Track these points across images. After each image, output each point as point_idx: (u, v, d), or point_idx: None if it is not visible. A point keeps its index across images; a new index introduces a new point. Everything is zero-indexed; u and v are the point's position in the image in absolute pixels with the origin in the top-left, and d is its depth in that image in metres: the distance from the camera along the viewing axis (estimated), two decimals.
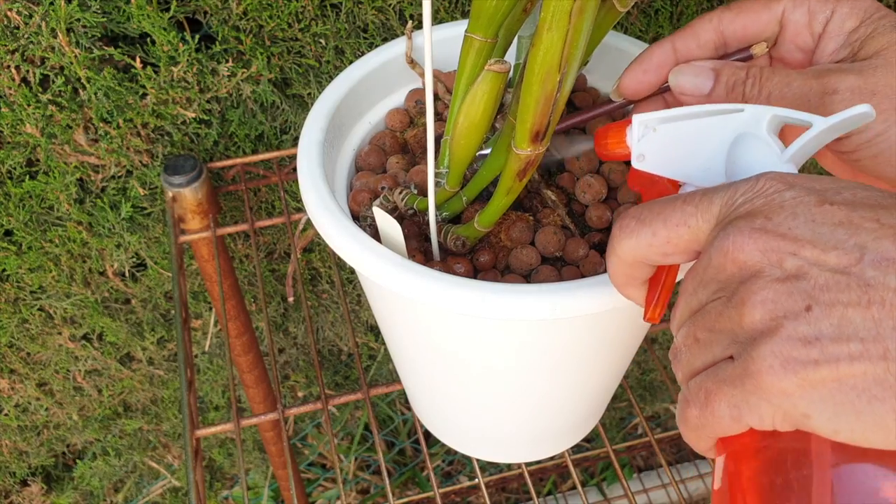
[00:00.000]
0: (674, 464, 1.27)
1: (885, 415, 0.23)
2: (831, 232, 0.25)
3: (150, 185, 0.68)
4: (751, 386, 0.25)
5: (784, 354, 0.24)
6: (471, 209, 0.42)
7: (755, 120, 0.32)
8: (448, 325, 0.40)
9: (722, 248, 0.26)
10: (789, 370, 0.24)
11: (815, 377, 0.24)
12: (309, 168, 0.41)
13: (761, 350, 0.25)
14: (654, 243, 0.29)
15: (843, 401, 0.24)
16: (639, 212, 0.30)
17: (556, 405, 0.47)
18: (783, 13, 0.37)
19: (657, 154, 0.35)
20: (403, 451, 1.23)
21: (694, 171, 0.34)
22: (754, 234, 0.26)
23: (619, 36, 0.48)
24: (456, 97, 0.39)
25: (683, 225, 0.28)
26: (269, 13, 0.61)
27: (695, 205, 0.28)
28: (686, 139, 0.34)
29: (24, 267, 0.71)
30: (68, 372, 0.84)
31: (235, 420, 0.53)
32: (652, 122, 0.34)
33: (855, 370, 0.23)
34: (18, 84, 0.59)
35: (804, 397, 0.24)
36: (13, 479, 0.95)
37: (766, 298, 0.25)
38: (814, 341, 0.24)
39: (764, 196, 0.26)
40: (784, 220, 0.25)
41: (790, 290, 0.25)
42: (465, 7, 0.66)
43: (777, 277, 0.25)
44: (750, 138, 0.32)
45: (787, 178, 0.27)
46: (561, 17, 0.29)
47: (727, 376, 0.26)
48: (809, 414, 0.25)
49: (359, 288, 0.87)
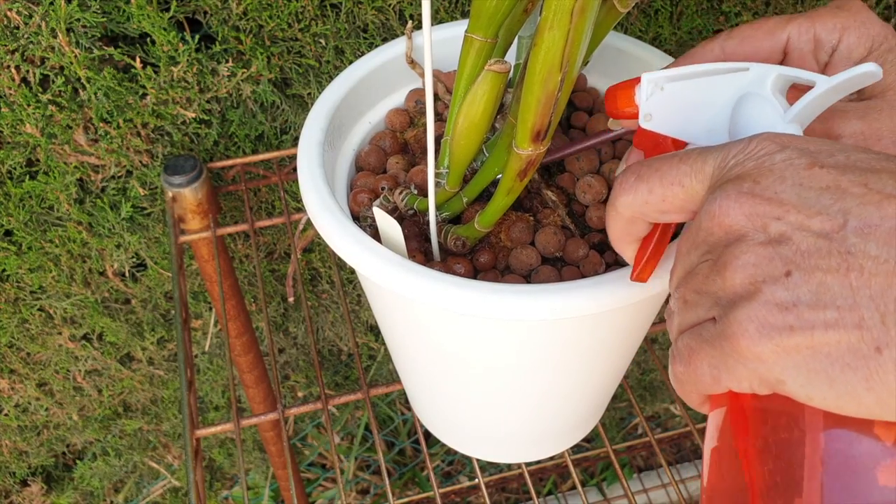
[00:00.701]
0: (674, 464, 1.27)
1: (857, 384, 0.23)
2: (817, 196, 0.24)
3: (150, 185, 0.68)
4: (728, 348, 0.26)
5: (760, 319, 0.25)
6: (471, 209, 0.42)
7: (760, 79, 0.32)
8: (448, 325, 0.40)
9: (710, 211, 0.26)
10: (764, 335, 0.25)
11: (790, 343, 0.24)
12: (309, 168, 0.41)
13: (739, 314, 0.25)
14: (651, 200, 0.29)
15: (816, 368, 0.24)
16: (638, 168, 0.30)
17: (556, 405, 0.47)
18: (788, 41, 0.37)
19: (664, 113, 0.35)
20: (403, 451, 1.23)
21: (699, 131, 0.34)
22: (741, 199, 0.26)
23: (620, 36, 0.48)
24: (456, 97, 0.39)
25: (678, 184, 0.29)
26: (269, 13, 0.61)
27: (689, 164, 0.28)
28: (692, 99, 0.34)
29: (24, 267, 0.71)
30: (68, 372, 0.84)
31: (235, 420, 0.53)
32: (660, 80, 0.34)
33: (829, 338, 0.24)
34: (18, 84, 0.59)
35: (779, 363, 0.25)
36: (13, 479, 0.95)
37: (748, 262, 0.25)
38: (791, 307, 0.24)
39: (755, 158, 0.26)
40: (771, 183, 0.25)
41: (771, 255, 0.25)
42: (465, 7, 0.66)
43: (760, 241, 0.25)
44: (754, 98, 0.32)
45: (781, 139, 0.27)
46: (562, 16, 0.29)
47: (708, 336, 0.27)
48: (783, 379, 0.25)
49: (359, 288, 0.87)
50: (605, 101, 0.37)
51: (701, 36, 0.71)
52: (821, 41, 0.36)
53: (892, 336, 0.23)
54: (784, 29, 0.37)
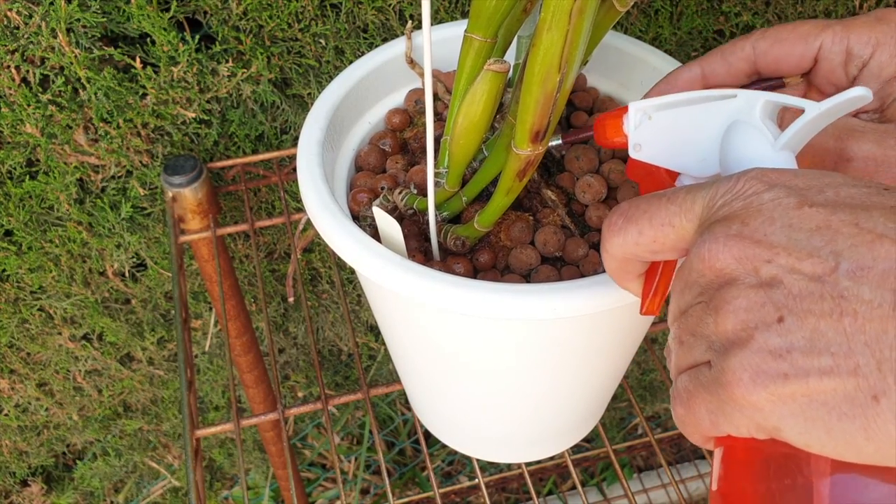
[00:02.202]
0: (674, 464, 1.27)
1: (855, 433, 0.23)
2: (808, 238, 0.24)
3: (150, 185, 0.69)
4: (724, 396, 0.25)
5: (754, 367, 0.24)
6: (470, 209, 0.42)
7: (748, 106, 0.31)
8: (448, 325, 0.40)
9: (699, 254, 0.26)
10: (759, 384, 0.24)
11: (785, 391, 0.24)
12: (309, 168, 0.41)
13: (732, 361, 0.25)
14: (641, 242, 0.29)
15: (813, 416, 0.24)
16: (626, 209, 0.30)
17: (556, 405, 0.47)
18: (820, 48, 0.36)
19: (653, 143, 0.34)
20: (403, 451, 1.23)
21: (689, 160, 0.33)
22: (729, 241, 0.25)
23: (619, 36, 0.48)
24: (455, 97, 0.39)
25: (668, 225, 0.28)
26: (269, 13, 0.61)
27: (678, 204, 0.28)
28: (681, 128, 0.33)
29: (24, 267, 0.71)
30: (68, 372, 0.84)
31: (235, 420, 0.53)
32: (648, 109, 0.34)
33: (825, 386, 0.23)
34: (18, 84, 0.59)
35: (774, 411, 0.24)
36: (13, 479, 0.95)
37: (739, 307, 0.25)
38: (784, 354, 0.24)
39: (743, 198, 0.26)
40: (760, 225, 0.25)
41: (763, 300, 0.24)
42: (465, 7, 0.66)
43: (751, 284, 0.25)
44: (743, 126, 0.31)
45: (769, 175, 0.26)
46: (561, 17, 0.29)
47: (705, 381, 0.26)
48: (780, 427, 0.24)
49: (359, 288, 0.87)
50: (594, 131, 0.37)
51: (701, 36, 0.71)
52: (852, 54, 0.35)
53: (889, 384, 0.22)
54: (818, 36, 0.36)
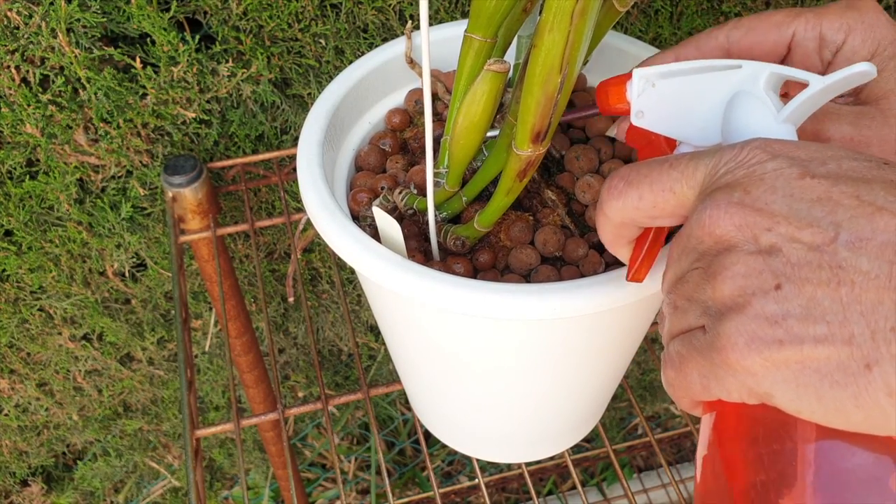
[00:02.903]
0: (674, 464, 1.27)
1: (846, 400, 0.23)
2: (808, 208, 0.24)
3: (150, 185, 0.69)
4: (717, 360, 0.26)
5: (749, 332, 0.24)
6: (470, 209, 0.42)
7: (753, 77, 0.31)
8: (447, 325, 0.40)
9: (700, 220, 0.26)
10: (753, 349, 0.24)
11: (779, 357, 0.24)
12: (309, 168, 0.41)
13: (728, 326, 0.25)
14: (641, 206, 0.29)
15: (805, 383, 0.24)
16: (627, 173, 0.30)
17: (556, 405, 0.47)
18: (793, 36, 0.36)
19: (656, 111, 0.34)
20: (403, 451, 1.23)
21: (691, 129, 0.33)
22: (731, 209, 0.25)
23: (619, 36, 0.48)
24: (455, 97, 0.39)
25: (669, 191, 0.28)
26: (269, 13, 0.61)
27: (680, 170, 0.28)
28: (684, 96, 0.33)
29: (24, 267, 0.71)
30: (68, 372, 0.84)
31: (235, 420, 0.53)
32: (651, 76, 0.34)
33: (819, 353, 0.23)
34: (18, 84, 0.59)
35: (767, 376, 0.25)
36: (13, 479, 0.95)
37: (737, 273, 0.25)
38: (780, 321, 0.24)
39: (746, 167, 0.26)
40: (762, 193, 0.25)
41: (761, 267, 0.25)
42: (465, 7, 0.66)
43: (750, 251, 0.25)
44: (746, 97, 0.31)
45: (772, 146, 0.26)
46: (562, 18, 0.29)
47: (699, 345, 0.27)
48: (772, 393, 0.25)
49: (359, 288, 0.87)
50: (597, 96, 0.36)
51: None
52: (826, 40, 0.36)
53: (882, 353, 0.22)
54: (791, 24, 0.36)
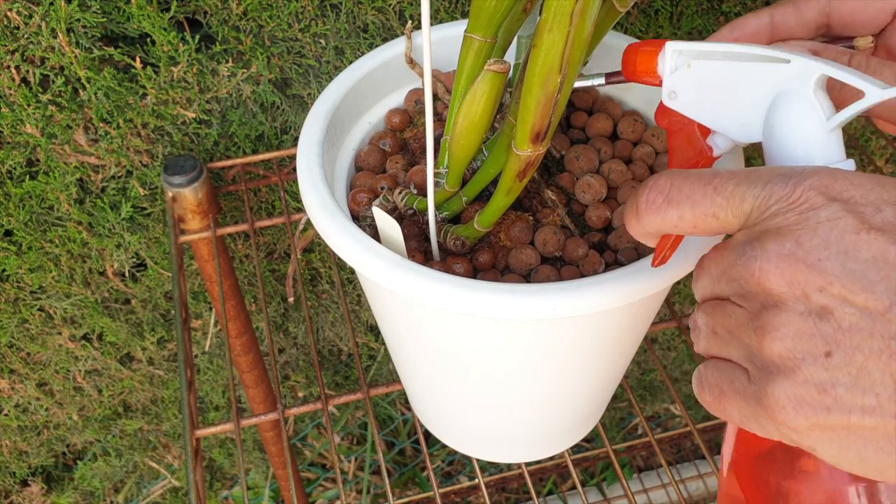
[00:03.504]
0: (674, 464, 1.27)
1: (888, 466, 0.24)
2: (864, 270, 0.24)
3: (150, 185, 0.68)
4: (762, 413, 0.26)
5: (798, 398, 0.24)
6: (470, 209, 0.42)
7: (802, 76, 0.29)
8: (447, 325, 0.40)
9: (749, 267, 0.26)
10: (800, 414, 0.25)
11: (826, 423, 0.24)
12: (308, 168, 0.41)
13: (776, 388, 0.25)
14: (681, 225, 0.29)
15: (849, 446, 0.24)
16: (668, 189, 0.28)
17: (556, 405, 0.47)
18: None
19: (691, 94, 0.32)
20: (403, 451, 1.23)
21: (729, 122, 0.31)
22: (782, 263, 0.25)
23: (619, 35, 0.48)
24: (455, 97, 0.39)
25: (712, 216, 0.27)
26: (269, 13, 0.61)
27: (725, 197, 0.27)
28: (724, 83, 0.31)
29: (24, 267, 0.71)
30: (68, 372, 0.84)
31: (235, 420, 0.53)
32: (687, 52, 0.32)
33: (866, 423, 0.24)
34: (18, 84, 0.59)
35: (811, 436, 0.25)
36: (13, 479, 0.95)
37: (787, 335, 0.25)
38: (829, 389, 0.24)
39: (798, 210, 0.25)
40: (815, 247, 0.24)
41: (812, 331, 0.24)
42: (465, 7, 0.66)
43: (801, 312, 0.25)
44: (794, 97, 0.29)
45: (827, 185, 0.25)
46: (562, 18, 0.29)
47: (741, 389, 0.26)
48: (815, 448, 0.25)
49: (359, 288, 0.87)
50: (623, 60, 0.34)
51: (701, 36, 0.71)
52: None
53: None
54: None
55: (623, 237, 0.40)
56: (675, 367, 1.13)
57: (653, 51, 0.33)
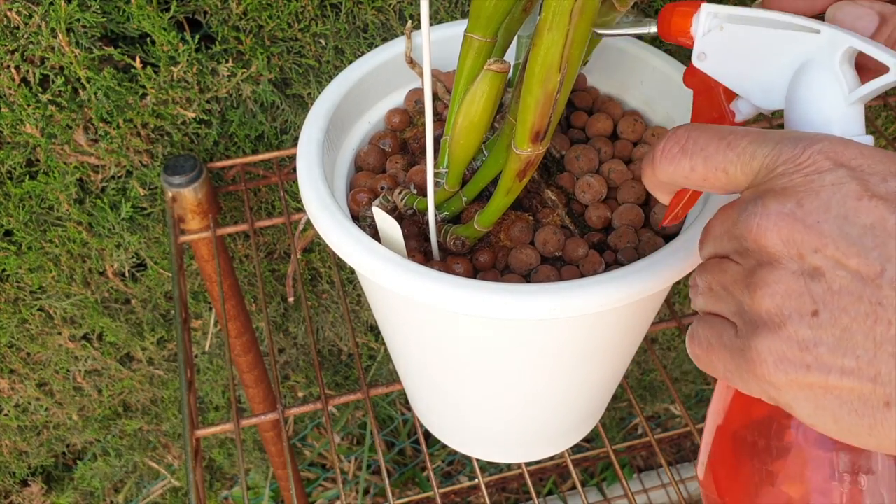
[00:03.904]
0: (674, 464, 1.27)
1: (861, 428, 0.24)
2: (860, 235, 0.24)
3: (150, 185, 0.68)
4: (745, 367, 0.26)
5: (780, 353, 0.25)
6: (470, 209, 0.42)
7: (830, 46, 0.29)
8: (447, 325, 0.40)
9: (748, 224, 0.26)
10: (780, 369, 0.25)
11: (804, 381, 0.25)
12: (308, 168, 0.41)
13: (760, 342, 0.25)
14: (692, 177, 0.29)
15: (825, 406, 0.25)
16: (684, 139, 0.29)
17: (556, 405, 0.47)
18: None
19: (720, 57, 0.33)
20: (403, 451, 1.23)
21: (753, 87, 0.32)
22: (780, 221, 0.25)
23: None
24: (455, 97, 0.39)
25: (722, 171, 0.28)
26: (269, 13, 0.61)
27: (737, 153, 0.27)
28: (753, 49, 0.32)
29: (24, 267, 0.71)
30: (68, 372, 0.84)
31: (235, 420, 0.53)
32: (721, 15, 0.32)
33: (843, 384, 0.24)
34: (18, 84, 0.59)
35: (789, 393, 0.25)
36: (13, 479, 0.95)
37: (777, 292, 0.25)
38: (811, 347, 0.24)
39: (804, 173, 0.25)
40: (815, 209, 0.25)
41: (802, 290, 0.25)
42: (465, 7, 0.66)
43: (794, 271, 0.25)
44: (819, 68, 0.30)
45: (836, 151, 0.25)
46: (561, 17, 0.29)
47: (728, 344, 0.27)
48: (791, 406, 0.26)
49: (359, 288, 0.87)
50: (659, 19, 0.34)
51: None
52: None
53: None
54: None
55: (623, 237, 0.40)
56: (675, 367, 1.13)
57: (688, 11, 0.34)
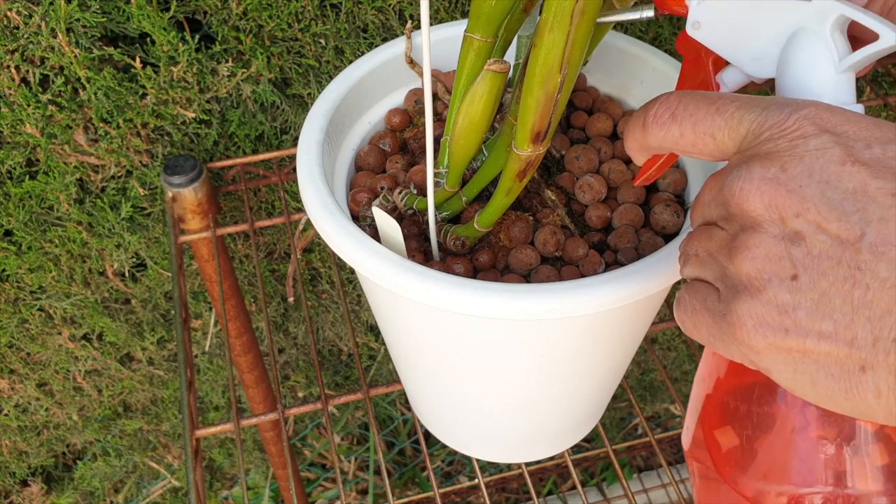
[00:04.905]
0: (674, 464, 1.27)
1: (837, 392, 0.25)
2: (841, 199, 0.24)
3: (150, 185, 0.68)
4: (726, 330, 0.27)
5: (759, 317, 0.25)
6: (470, 209, 0.42)
7: (821, 15, 0.29)
8: (448, 325, 0.40)
9: (731, 188, 0.26)
10: (759, 332, 0.25)
11: (782, 344, 0.25)
12: (308, 168, 0.41)
13: (740, 306, 0.26)
14: (681, 143, 0.29)
15: (802, 370, 0.25)
16: (675, 105, 0.29)
17: (556, 405, 0.47)
18: None
19: (713, 26, 0.33)
20: (403, 451, 1.23)
21: (745, 56, 0.32)
22: (763, 186, 0.25)
23: (619, 35, 0.48)
24: (455, 97, 0.39)
25: (710, 136, 0.28)
26: (269, 13, 0.61)
27: (725, 119, 0.27)
28: (746, 18, 0.32)
29: (24, 267, 0.71)
30: (68, 372, 0.84)
31: (235, 420, 0.53)
32: None
33: (821, 348, 0.24)
34: (18, 84, 0.59)
35: (768, 356, 0.26)
36: (13, 479, 0.95)
37: (758, 256, 0.25)
38: (790, 311, 0.25)
39: (789, 138, 0.26)
40: (798, 174, 0.25)
41: (782, 254, 0.25)
42: (465, 7, 0.66)
43: (774, 235, 0.25)
44: (809, 36, 0.30)
45: (822, 117, 0.25)
46: (563, 17, 0.29)
47: (711, 307, 0.27)
48: (770, 370, 0.26)
49: (359, 288, 0.87)
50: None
51: None
52: None
53: (878, 360, 0.23)
54: None
55: (623, 237, 0.40)
56: (675, 367, 1.13)
57: None
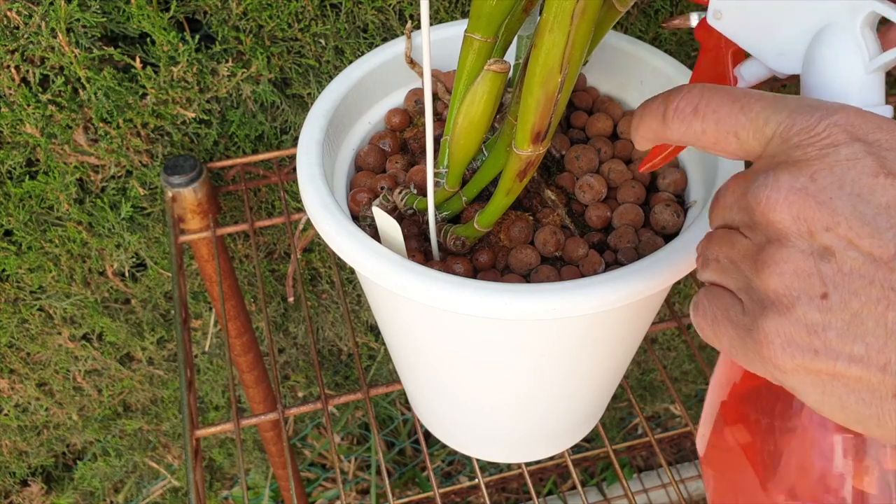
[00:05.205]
0: (674, 464, 1.27)
1: (868, 417, 0.23)
2: (874, 214, 0.23)
3: (149, 185, 0.68)
4: (751, 346, 0.25)
5: (787, 336, 0.24)
6: (470, 209, 0.42)
7: (851, 10, 0.28)
8: (448, 325, 0.40)
9: (758, 196, 0.25)
10: (787, 353, 0.24)
11: (811, 366, 0.24)
12: (308, 168, 0.41)
13: (767, 323, 0.25)
14: (703, 139, 0.28)
15: (831, 392, 0.24)
16: (697, 100, 0.28)
17: (556, 405, 0.47)
18: None
19: (736, 17, 0.31)
20: (403, 451, 1.23)
21: (768, 50, 0.31)
22: (791, 196, 0.24)
23: (619, 36, 0.48)
24: (455, 97, 0.39)
25: (734, 135, 0.27)
26: (269, 13, 0.61)
27: (750, 118, 0.26)
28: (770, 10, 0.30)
29: (24, 267, 0.71)
30: (68, 372, 0.84)
31: (235, 420, 0.53)
32: None
33: (851, 372, 0.23)
34: (18, 84, 0.59)
35: (795, 377, 0.25)
36: (13, 479, 0.95)
37: (786, 271, 0.24)
38: (820, 332, 0.24)
39: (819, 146, 0.24)
40: (828, 185, 0.24)
41: (811, 271, 0.24)
42: (465, 7, 0.66)
43: (803, 250, 0.24)
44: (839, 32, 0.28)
45: (854, 124, 0.24)
46: (563, 18, 0.29)
47: (735, 320, 0.26)
48: (797, 390, 0.25)
49: (359, 288, 0.87)
50: None
51: None
52: None
53: None
54: None
55: (623, 237, 0.40)
56: (675, 367, 1.13)
57: None
